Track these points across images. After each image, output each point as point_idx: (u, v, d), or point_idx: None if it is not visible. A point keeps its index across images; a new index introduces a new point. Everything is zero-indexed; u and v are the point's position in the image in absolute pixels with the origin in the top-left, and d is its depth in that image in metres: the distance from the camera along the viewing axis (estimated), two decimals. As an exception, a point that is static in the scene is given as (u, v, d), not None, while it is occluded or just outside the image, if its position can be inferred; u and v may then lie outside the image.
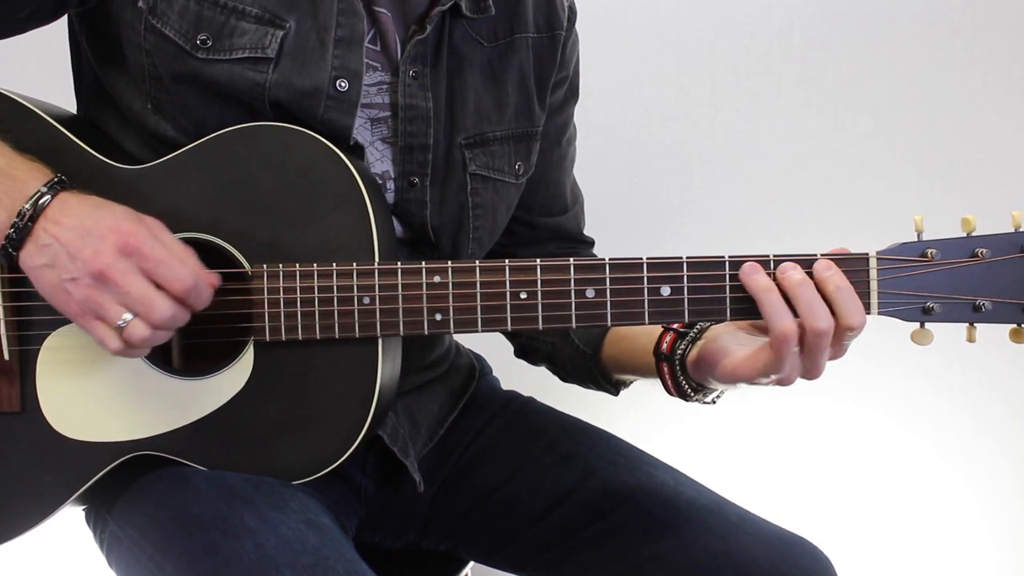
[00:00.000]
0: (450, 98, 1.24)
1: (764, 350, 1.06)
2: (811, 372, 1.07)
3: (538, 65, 1.32)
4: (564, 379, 1.44)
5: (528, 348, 1.46)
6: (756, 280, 1.05)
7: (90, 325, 1.01)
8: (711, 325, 1.17)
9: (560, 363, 1.42)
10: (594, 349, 1.34)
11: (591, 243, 1.49)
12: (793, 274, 1.04)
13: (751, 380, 1.08)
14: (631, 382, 1.35)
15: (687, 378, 1.18)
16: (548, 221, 1.42)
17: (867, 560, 2.21)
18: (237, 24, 1.11)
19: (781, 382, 1.08)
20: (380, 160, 1.21)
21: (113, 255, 0.98)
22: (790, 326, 1.03)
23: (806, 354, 1.05)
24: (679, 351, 1.18)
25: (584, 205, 1.49)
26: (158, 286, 1.00)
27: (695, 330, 1.18)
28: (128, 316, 0.99)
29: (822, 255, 1.06)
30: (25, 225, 1.00)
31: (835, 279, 1.04)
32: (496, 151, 1.28)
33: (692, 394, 1.19)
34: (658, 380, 1.22)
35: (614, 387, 1.36)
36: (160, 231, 1.03)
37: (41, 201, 1.00)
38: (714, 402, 1.22)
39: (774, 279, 1.05)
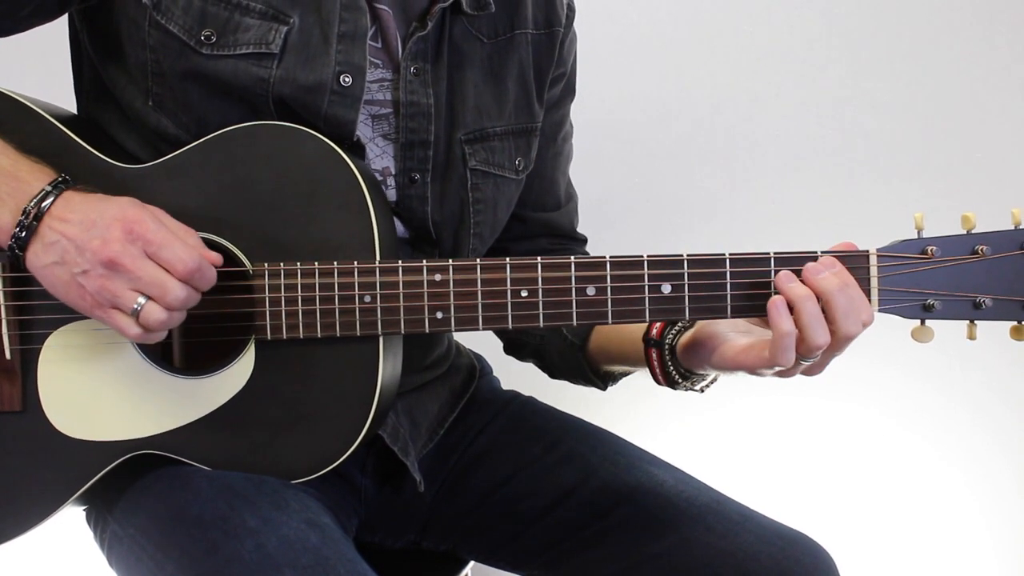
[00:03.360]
0: (450, 94, 1.24)
1: (767, 343, 1.06)
2: (812, 371, 1.08)
3: (537, 61, 1.32)
4: (552, 375, 1.44)
5: (516, 343, 1.46)
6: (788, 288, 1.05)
7: (106, 315, 1.02)
8: None
9: (549, 357, 1.42)
10: (582, 339, 1.35)
11: (583, 240, 1.50)
12: (795, 288, 1.04)
13: (753, 370, 1.09)
14: (620, 374, 1.35)
15: (676, 364, 1.19)
16: (541, 216, 1.43)
17: (868, 557, 2.21)
18: (241, 20, 1.12)
19: (782, 374, 1.08)
20: (381, 156, 1.22)
21: (120, 242, 0.99)
22: (789, 328, 1.03)
23: (806, 357, 1.06)
24: (669, 336, 1.19)
25: (578, 206, 1.50)
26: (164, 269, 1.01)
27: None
28: (142, 300, 1.00)
29: (822, 252, 1.06)
30: (31, 224, 1.00)
31: (834, 280, 1.04)
32: (496, 147, 1.28)
33: (680, 381, 1.20)
34: (646, 368, 1.22)
35: (602, 380, 1.37)
36: (163, 216, 1.04)
37: (46, 200, 1.01)
38: (703, 390, 1.23)
39: (775, 286, 1.05)
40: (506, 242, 1.40)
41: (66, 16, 1.20)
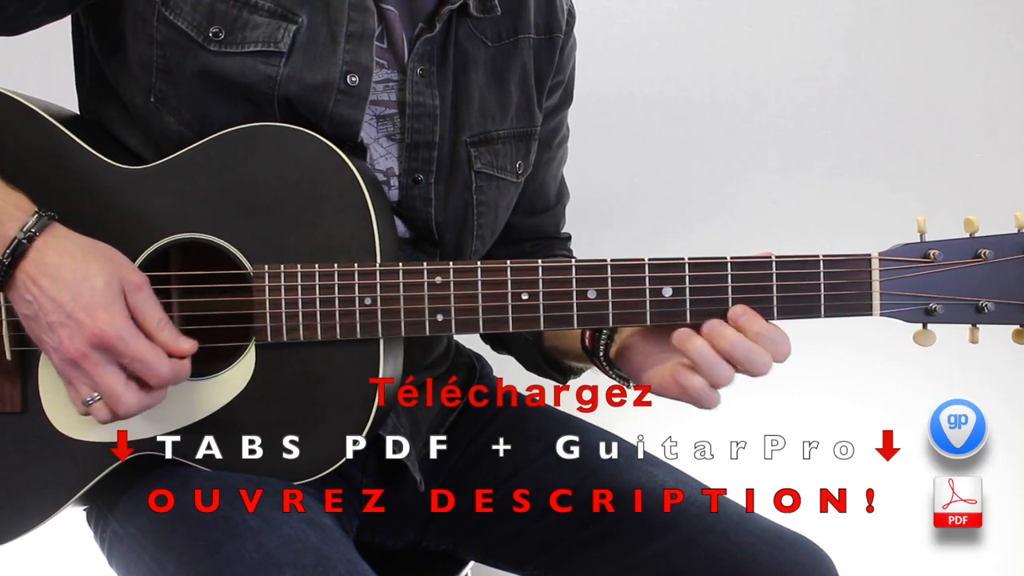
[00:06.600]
0: (456, 96, 1.25)
1: (686, 377, 1.08)
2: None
3: (537, 67, 1.33)
4: (526, 368, 1.45)
5: (493, 336, 1.47)
6: (690, 345, 1.06)
7: (65, 383, 1.04)
8: None
9: (515, 351, 1.44)
10: (536, 337, 1.36)
11: (567, 238, 1.51)
12: (723, 335, 1.05)
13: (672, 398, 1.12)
14: (579, 370, 1.36)
15: (616, 371, 1.20)
16: (528, 222, 1.43)
17: (868, 558, 2.21)
18: (250, 18, 1.12)
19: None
20: (385, 157, 1.22)
21: (85, 345, 0.99)
22: (728, 376, 1.07)
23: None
24: (600, 347, 1.20)
25: (567, 204, 1.50)
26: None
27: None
28: (96, 395, 1.02)
29: (823, 256, 1.06)
30: (7, 272, 1.00)
31: (753, 325, 1.06)
32: (499, 150, 1.29)
33: (631, 384, 1.21)
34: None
35: (562, 375, 1.37)
36: (141, 303, 1.03)
37: (18, 251, 1.00)
38: None
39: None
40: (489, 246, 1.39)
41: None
